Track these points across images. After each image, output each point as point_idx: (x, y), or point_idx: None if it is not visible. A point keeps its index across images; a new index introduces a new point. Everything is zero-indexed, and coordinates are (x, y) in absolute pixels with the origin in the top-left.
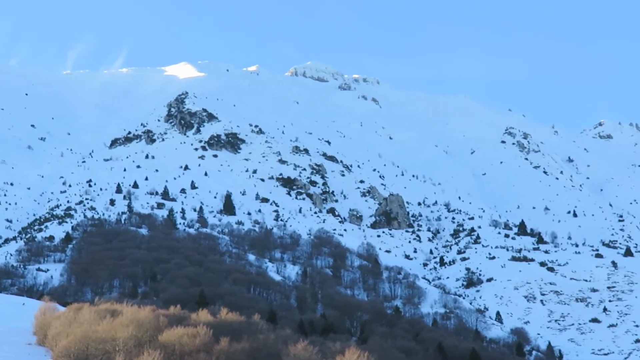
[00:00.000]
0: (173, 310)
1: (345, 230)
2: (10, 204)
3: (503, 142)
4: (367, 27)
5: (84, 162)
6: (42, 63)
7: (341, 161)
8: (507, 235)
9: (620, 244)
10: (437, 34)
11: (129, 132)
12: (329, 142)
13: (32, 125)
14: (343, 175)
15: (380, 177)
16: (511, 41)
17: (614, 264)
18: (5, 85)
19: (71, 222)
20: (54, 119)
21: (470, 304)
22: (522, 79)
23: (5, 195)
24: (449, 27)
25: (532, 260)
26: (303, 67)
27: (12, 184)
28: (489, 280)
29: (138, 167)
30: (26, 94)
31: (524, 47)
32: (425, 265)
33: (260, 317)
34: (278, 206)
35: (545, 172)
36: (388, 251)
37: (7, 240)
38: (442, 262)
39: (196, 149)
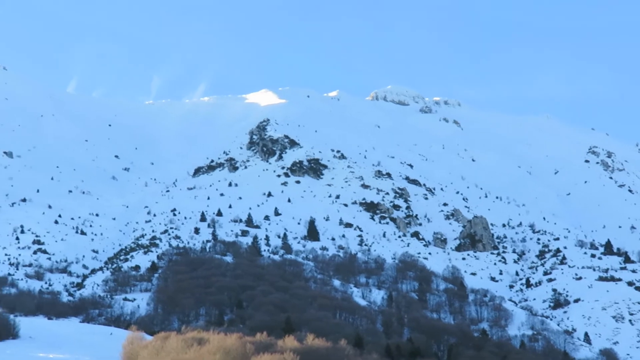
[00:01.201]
0: (259, 337)
1: (429, 253)
2: (96, 234)
3: (587, 161)
4: (446, 48)
5: (167, 191)
6: (124, 94)
7: (424, 184)
8: (593, 255)
9: None
10: (517, 53)
11: (212, 161)
12: (411, 166)
13: (116, 156)
14: (426, 198)
15: (463, 199)
16: (592, 58)
17: None
18: (89, 116)
19: (156, 252)
20: (138, 149)
21: (558, 325)
22: (605, 96)
23: (91, 226)
24: (529, 46)
25: (620, 279)
26: (384, 91)
27: (97, 215)
28: (576, 301)
29: (221, 195)
30: (109, 125)
31: (605, 64)
32: (511, 287)
33: (347, 343)
34: (362, 231)
35: (630, 191)
36: (473, 274)
37: (93, 271)
38: (528, 284)
39: (279, 176)
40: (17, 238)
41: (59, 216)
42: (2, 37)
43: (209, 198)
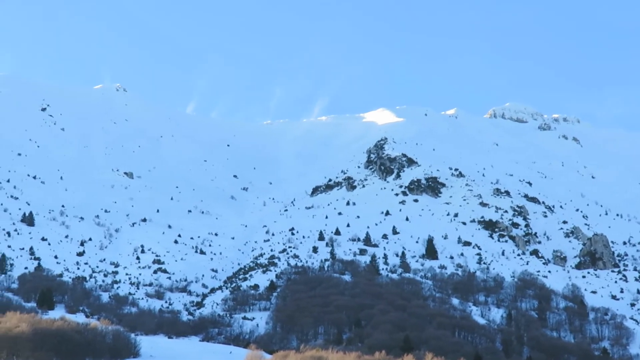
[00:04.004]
0: (378, 356)
1: (549, 271)
2: (215, 254)
3: None
4: (564, 64)
5: (286, 210)
6: (242, 114)
7: (543, 202)
8: None
9: None
10: (635, 67)
11: (330, 180)
12: (530, 184)
13: (235, 176)
14: (545, 216)
15: (583, 217)
16: None
17: None
18: (208, 137)
19: (275, 271)
20: (256, 168)
21: None
22: None
23: (210, 245)
24: None
25: None
26: (502, 108)
27: (216, 234)
28: None
29: (339, 214)
30: (228, 145)
31: None
32: (632, 305)
33: None
34: (480, 249)
35: None
36: (594, 292)
37: (213, 290)
38: None
39: (397, 194)
40: (138, 258)
41: (179, 236)
42: (122, 60)
43: (327, 217)
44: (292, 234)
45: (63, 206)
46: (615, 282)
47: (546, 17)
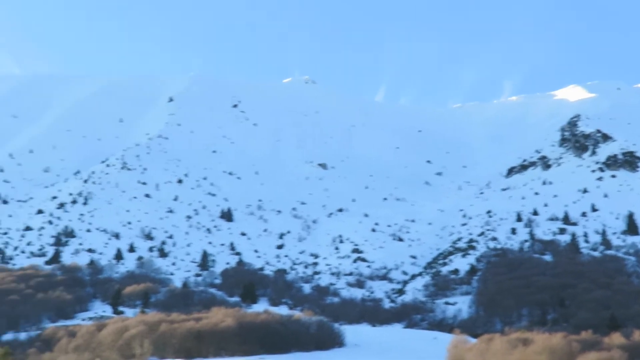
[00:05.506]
0: (584, 336)
1: None
2: (413, 240)
3: None
4: None
5: (481, 193)
6: (431, 98)
7: None
8: None
9: None
10: None
11: (524, 160)
12: None
13: (428, 161)
14: None
15: None
16: None
17: None
18: (399, 124)
19: (474, 254)
20: (449, 153)
21: None
22: None
23: (407, 232)
24: None
25: None
26: None
27: (413, 221)
28: None
29: (536, 194)
30: (419, 131)
31: None
32: None
33: None
34: None
35: None
36: None
37: (413, 277)
38: None
39: (593, 171)
40: (337, 248)
41: (376, 224)
42: (309, 52)
43: (523, 198)
44: (489, 216)
45: (260, 200)
46: None
47: None
